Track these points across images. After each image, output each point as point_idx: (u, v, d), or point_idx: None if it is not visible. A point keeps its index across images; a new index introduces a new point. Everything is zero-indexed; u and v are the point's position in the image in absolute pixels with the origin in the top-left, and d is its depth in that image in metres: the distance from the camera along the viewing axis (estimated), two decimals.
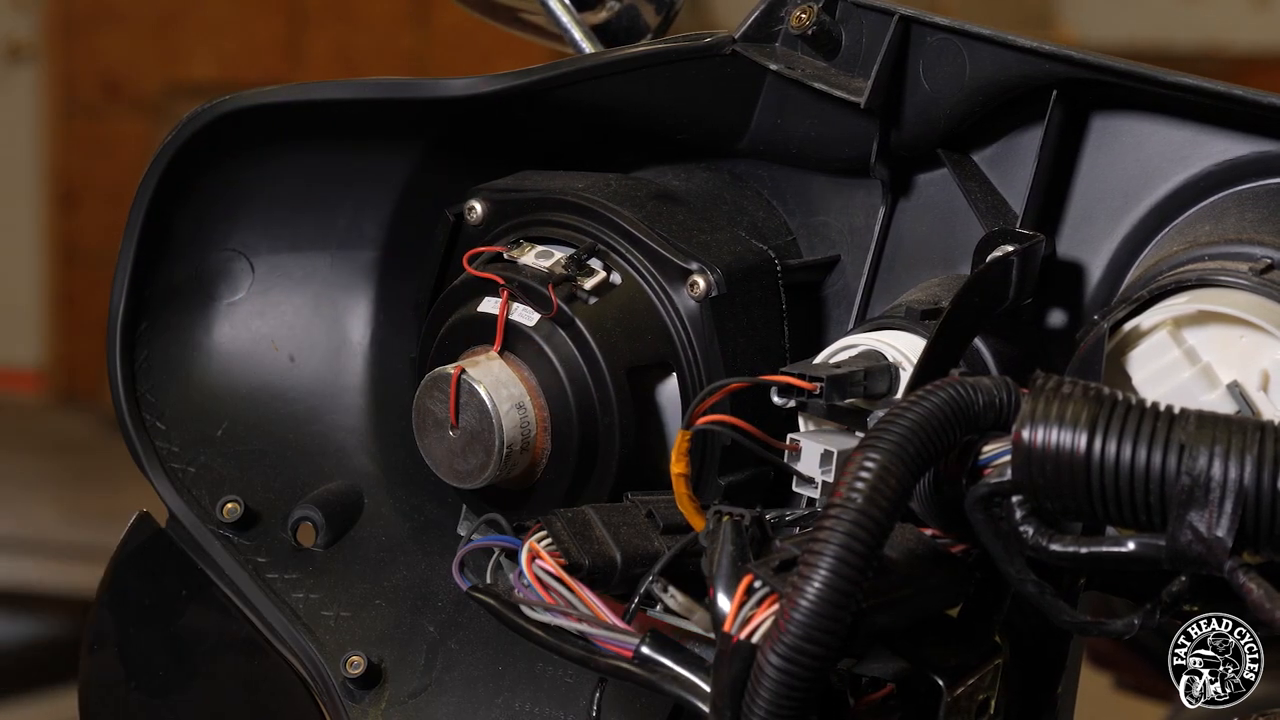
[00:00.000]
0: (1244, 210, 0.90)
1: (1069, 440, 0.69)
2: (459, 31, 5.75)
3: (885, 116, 0.96)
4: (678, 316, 0.96)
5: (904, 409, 0.71)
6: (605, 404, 0.95)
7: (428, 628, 1.06)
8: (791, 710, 0.69)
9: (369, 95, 1.01)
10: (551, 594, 0.82)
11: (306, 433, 1.09)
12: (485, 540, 0.87)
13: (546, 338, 0.95)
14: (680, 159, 1.08)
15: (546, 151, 1.08)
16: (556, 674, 1.04)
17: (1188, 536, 0.68)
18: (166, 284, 1.06)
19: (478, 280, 0.98)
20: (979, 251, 0.91)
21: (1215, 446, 0.67)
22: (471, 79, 0.99)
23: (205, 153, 1.03)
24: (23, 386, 6.41)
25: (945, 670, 0.81)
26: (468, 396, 0.94)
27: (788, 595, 0.68)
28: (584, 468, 0.96)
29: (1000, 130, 0.97)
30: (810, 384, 0.84)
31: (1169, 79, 0.87)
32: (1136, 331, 0.81)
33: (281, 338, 1.10)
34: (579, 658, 0.81)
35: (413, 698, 1.05)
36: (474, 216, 1.02)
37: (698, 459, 0.95)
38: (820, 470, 0.87)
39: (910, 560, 0.79)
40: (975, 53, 0.92)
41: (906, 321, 0.90)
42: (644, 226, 0.98)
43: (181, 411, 1.07)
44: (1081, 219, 0.96)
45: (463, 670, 1.05)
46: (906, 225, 1.01)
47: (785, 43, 0.99)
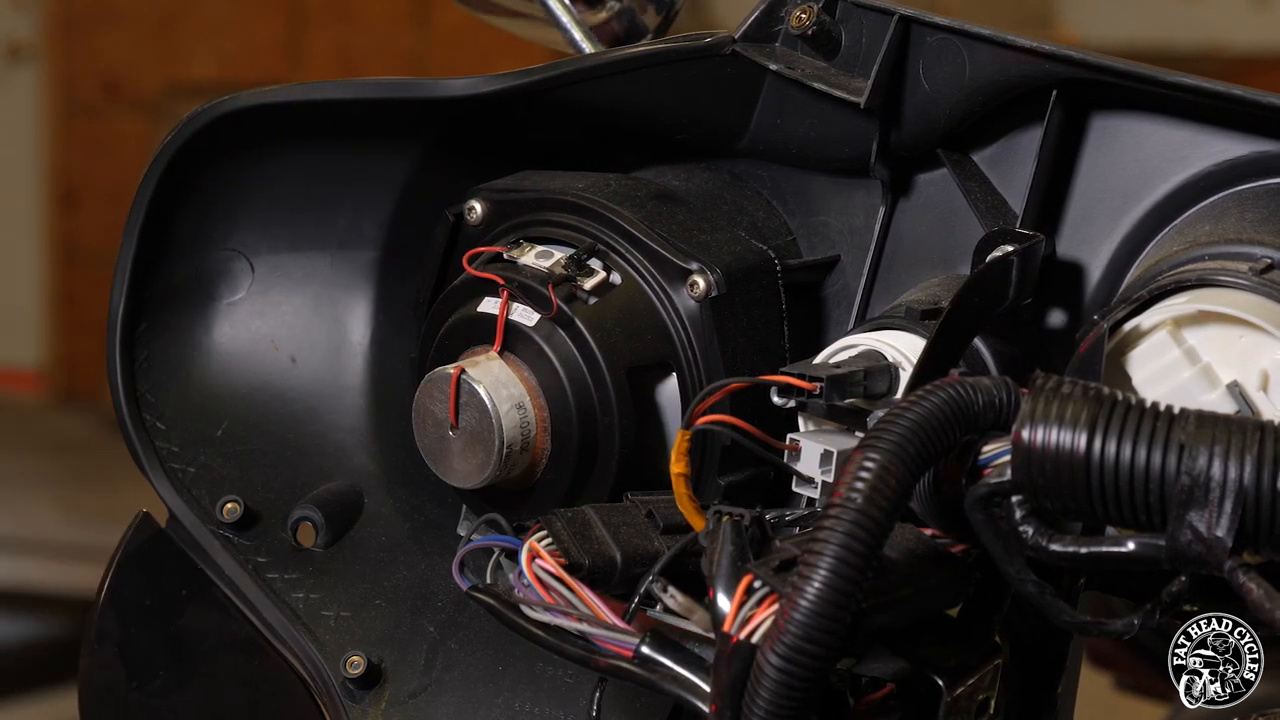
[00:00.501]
0: (1244, 210, 0.90)
1: (1069, 440, 0.69)
2: (459, 31, 5.75)
3: (885, 116, 0.96)
4: (677, 316, 0.96)
5: (904, 409, 0.71)
6: (605, 404, 0.95)
7: (428, 628, 1.06)
8: (791, 710, 0.69)
9: (369, 95, 1.01)
10: (551, 594, 0.82)
11: (306, 433, 1.09)
12: (485, 540, 0.87)
13: (546, 338, 0.95)
14: (680, 159, 1.08)
15: (546, 151, 1.08)
16: (556, 674, 1.04)
17: (1188, 536, 0.68)
18: (166, 284, 1.06)
19: (478, 280, 0.98)
20: (979, 251, 0.91)
21: (1215, 446, 0.67)
22: (471, 79, 0.99)
23: (205, 153, 1.03)
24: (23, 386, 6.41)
25: (945, 670, 0.81)
26: (468, 396, 0.94)
27: (788, 595, 0.68)
28: (584, 468, 0.96)
29: (1000, 130, 0.97)
30: (810, 384, 0.84)
31: (1169, 79, 0.87)
32: (1136, 331, 0.81)
33: (281, 338, 1.10)
34: (579, 658, 0.81)
35: (413, 698, 1.05)
36: (474, 216, 1.02)
37: (698, 459, 0.95)
38: (820, 470, 0.87)
39: (910, 560, 0.79)
40: (975, 53, 0.92)
41: (906, 321, 0.90)
42: (644, 226, 0.98)
43: (181, 411, 1.07)
44: (1081, 219, 0.96)
45: (463, 670, 1.05)
46: (906, 225, 1.01)
47: (785, 43, 0.99)
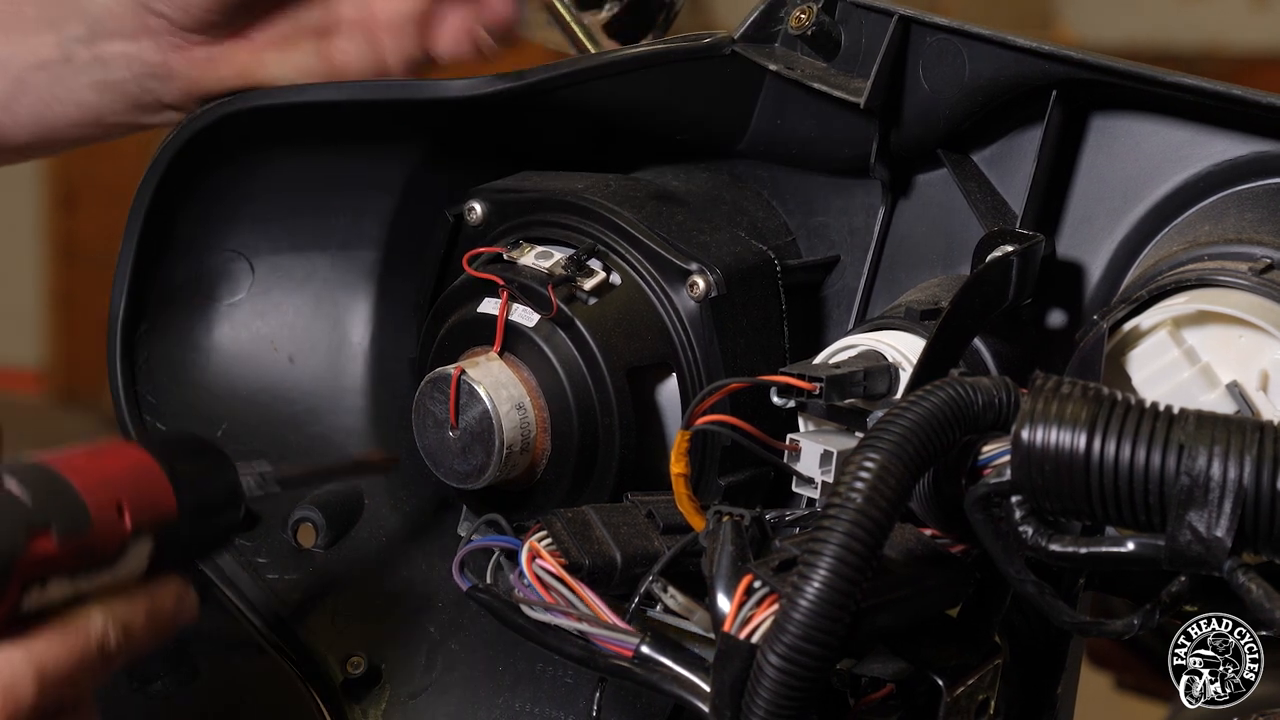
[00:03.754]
0: (1244, 210, 0.90)
1: (1068, 440, 0.69)
2: None
3: (885, 116, 0.96)
4: (677, 317, 0.96)
5: (903, 409, 0.71)
6: (605, 404, 0.95)
7: (428, 628, 1.06)
8: (791, 710, 0.69)
9: (369, 96, 1.01)
10: (552, 594, 0.82)
11: (307, 434, 1.09)
12: (485, 540, 0.87)
13: (546, 338, 0.95)
14: (680, 159, 1.08)
15: (546, 152, 1.08)
16: (556, 674, 1.04)
17: (1187, 536, 0.68)
18: (167, 285, 1.06)
19: (477, 281, 0.98)
20: (979, 251, 0.91)
21: (1214, 446, 0.67)
22: (471, 79, 0.99)
23: (206, 154, 1.03)
24: (23, 386, 6.41)
25: (945, 670, 0.81)
26: (468, 397, 0.94)
27: (787, 595, 0.68)
28: (584, 468, 0.96)
29: (1000, 130, 0.97)
30: (810, 384, 0.84)
31: (1169, 79, 0.87)
32: (1136, 331, 0.81)
33: (281, 338, 1.10)
34: (579, 658, 0.81)
35: (413, 698, 1.05)
36: (474, 217, 1.02)
37: (698, 459, 0.95)
38: (820, 470, 0.87)
39: (910, 560, 0.79)
40: (975, 53, 0.92)
41: (906, 321, 0.90)
42: (643, 227, 0.98)
43: (181, 412, 1.07)
44: (1081, 219, 0.96)
45: (463, 670, 1.05)
46: (906, 225, 1.01)
47: (785, 43, 0.99)
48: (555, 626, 0.82)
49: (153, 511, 0.86)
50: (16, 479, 0.80)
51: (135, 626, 0.84)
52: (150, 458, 0.87)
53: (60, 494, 0.81)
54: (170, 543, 0.87)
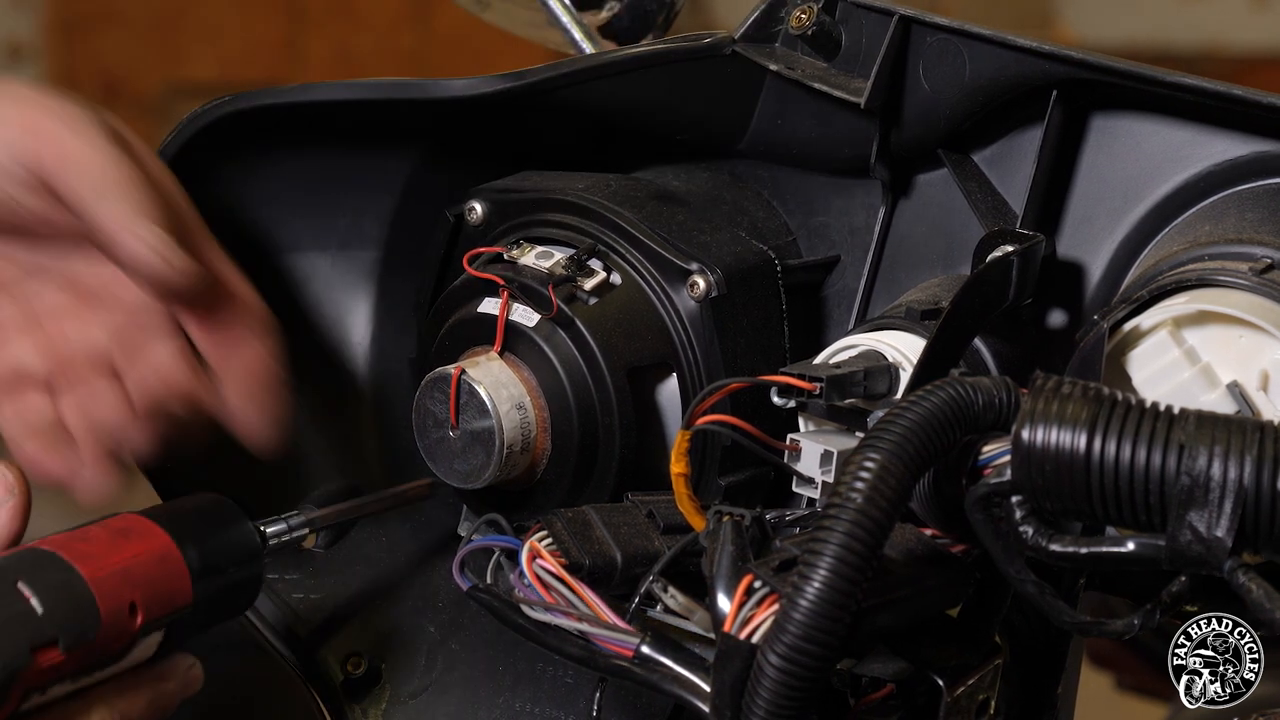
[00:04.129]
0: (1244, 210, 0.90)
1: (1068, 440, 0.69)
2: (459, 31, 5.75)
3: (885, 116, 0.96)
4: (678, 317, 0.96)
5: (904, 409, 0.71)
6: (605, 404, 0.95)
7: (428, 628, 1.06)
8: (791, 710, 0.69)
9: (369, 96, 1.01)
10: (552, 593, 0.82)
11: (307, 433, 1.09)
12: (485, 540, 0.87)
13: (546, 338, 0.95)
14: (680, 159, 1.08)
15: (546, 152, 1.08)
16: (556, 674, 1.04)
17: (1187, 536, 0.68)
18: None
19: (478, 281, 0.98)
20: (979, 251, 0.91)
21: (1215, 446, 0.67)
22: (471, 79, 0.99)
23: (205, 154, 1.03)
24: None
25: (945, 670, 0.81)
26: (468, 397, 0.94)
27: (788, 595, 0.68)
28: (584, 468, 0.96)
29: (1000, 130, 0.97)
30: (810, 384, 0.84)
31: (1169, 79, 0.87)
32: (1136, 331, 0.81)
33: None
34: (579, 658, 0.81)
35: (413, 698, 1.05)
36: (474, 217, 1.02)
37: (698, 459, 0.95)
38: (820, 470, 0.87)
39: (910, 560, 0.79)
40: (975, 53, 0.92)
41: (906, 321, 0.90)
42: (644, 227, 0.98)
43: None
44: (1081, 219, 0.96)
45: (463, 670, 1.05)
46: (906, 225, 1.01)
47: (785, 43, 0.99)
48: (555, 626, 0.82)
49: (167, 605, 0.84)
50: (27, 582, 0.78)
51: (136, 717, 0.83)
52: (169, 541, 0.85)
53: (72, 598, 0.79)
54: (182, 629, 0.86)
